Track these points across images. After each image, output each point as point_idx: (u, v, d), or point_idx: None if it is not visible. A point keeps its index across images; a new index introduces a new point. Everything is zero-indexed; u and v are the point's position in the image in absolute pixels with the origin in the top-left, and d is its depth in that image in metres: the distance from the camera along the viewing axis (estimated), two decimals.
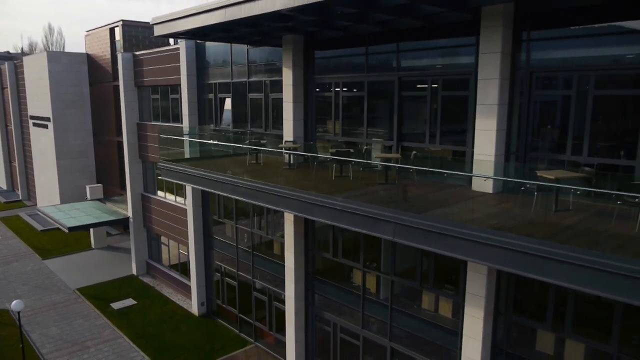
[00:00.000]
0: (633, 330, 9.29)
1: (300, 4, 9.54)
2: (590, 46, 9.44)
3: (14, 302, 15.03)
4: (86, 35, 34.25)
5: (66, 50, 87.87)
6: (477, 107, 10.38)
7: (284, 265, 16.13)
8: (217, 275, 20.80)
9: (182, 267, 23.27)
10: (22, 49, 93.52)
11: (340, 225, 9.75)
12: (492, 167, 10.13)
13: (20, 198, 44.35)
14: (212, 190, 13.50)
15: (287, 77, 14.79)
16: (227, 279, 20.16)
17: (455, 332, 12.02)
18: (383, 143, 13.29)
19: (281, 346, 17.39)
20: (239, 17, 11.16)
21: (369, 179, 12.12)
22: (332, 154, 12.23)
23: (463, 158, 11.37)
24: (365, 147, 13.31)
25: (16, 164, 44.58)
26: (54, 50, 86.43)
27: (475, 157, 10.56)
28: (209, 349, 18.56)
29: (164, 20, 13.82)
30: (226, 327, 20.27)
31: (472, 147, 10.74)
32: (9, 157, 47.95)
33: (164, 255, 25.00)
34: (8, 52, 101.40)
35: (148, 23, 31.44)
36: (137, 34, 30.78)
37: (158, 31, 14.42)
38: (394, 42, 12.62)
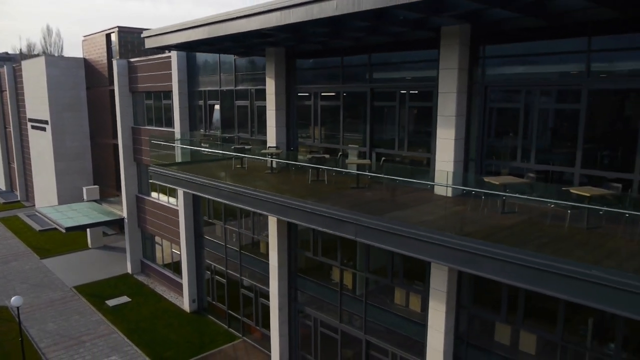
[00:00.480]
0: (575, 321, 10.25)
1: (273, 25, 10.50)
2: (536, 63, 10.40)
3: (13, 298, 15.96)
4: (83, 40, 35.16)
5: (65, 50, 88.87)
6: (438, 117, 11.35)
7: (269, 264, 17.07)
8: (207, 274, 21.73)
9: (175, 266, 24.19)
10: (20, 50, 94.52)
11: (310, 225, 10.73)
12: (450, 174, 11.09)
13: (19, 199, 45.26)
14: (198, 193, 14.45)
15: (270, 86, 15.75)
16: (217, 277, 21.11)
17: (423, 325, 12.95)
18: (359, 149, 14.26)
19: (267, 340, 18.32)
20: (220, 34, 12.13)
21: (343, 183, 13.08)
22: (308, 160, 13.19)
23: (428, 164, 12.34)
24: (340, 153, 14.28)
25: (15, 165, 45.48)
26: (52, 51, 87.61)
27: (436, 163, 11.54)
28: (198, 343, 19.51)
29: (153, 34, 14.78)
30: (216, 322, 21.22)
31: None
32: (7, 158, 48.85)
33: (158, 255, 25.92)
34: (6, 53, 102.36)
35: (143, 29, 32.47)
36: (132, 39, 31.70)
37: (148, 44, 15.37)
38: (366, 56, 13.58)
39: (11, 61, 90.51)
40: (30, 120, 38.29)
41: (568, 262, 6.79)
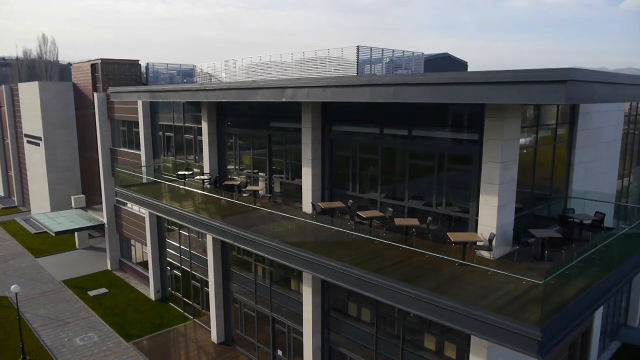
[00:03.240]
0: None
1: (187, 100, 15.78)
2: (356, 126, 15.70)
3: (12, 286, 21.16)
4: (72, 67, 40.34)
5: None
6: (302, 159, 16.65)
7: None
8: (168, 269, 26.98)
9: (146, 264, 29.38)
10: (17, 57, 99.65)
11: (208, 234, 15.99)
12: (309, 198, 16.39)
13: (16, 204, 50.45)
14: (148, 210, 19.71)
15: (205, 127, 21.03)
16: (175, 271, 26.37)
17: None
18: (265, 176, 19.55)
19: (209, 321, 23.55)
20: (157, 99, 17.41)
21: (249, 202, 18.34)
22: (223, 186, 18.46)
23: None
24: (247, 181, 19.57)
25: (12, 173, 50.67)
26: (48, 58, 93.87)
27: (303, 191, 16.84)
28: (158, 323, 24.78)
29: (115, 91, 20.11)
30: (175, 308, 26.49)
31: None
32: (5, 167, 54.03)
33: (133, 254, 31.15)
34: (3, 59, 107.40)
35: (122, 60, 37.67)
36: (113, 69, 36.82)
37: (113, 97, 20.67)
38: (265, 111, 18.87)
39: (8, 67, 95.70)
40: (26, 135, 43.46)
41: (318, 255, 12.10)
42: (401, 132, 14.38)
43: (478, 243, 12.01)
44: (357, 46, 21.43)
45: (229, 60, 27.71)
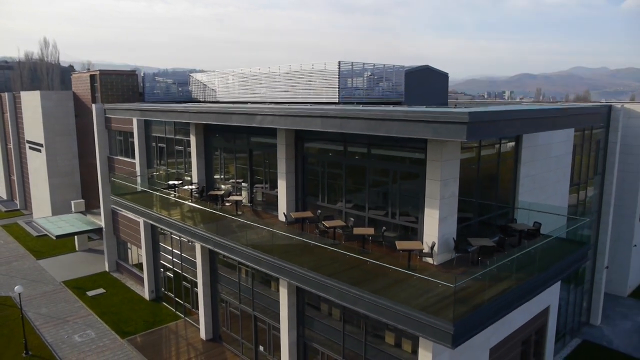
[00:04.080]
0: None
1: (174, 120, 17.53)
2: (324, 143, 17.43)
3: (16, 287, 22.94)
4: (72, 77, 42.16)
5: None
6: (278, 173, 18.42)
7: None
8: (162, 271, 28.75)
9: (142, 266, 31.13)
10: (19, 60, 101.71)
11: (193, 240, 17.74)
12: (284, 208, 18.14)
13: (18, 207, 52.29)
14: (141, 217, 21.46)
15: (193, 141, 22.80)
16: (168, 273, 28.14)
17: None
18: (247, 186, 21.32)
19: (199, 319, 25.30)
20: (147, 117, 19.16)
21: (232, 210, 20.10)
22: (207, 196, 20.22)
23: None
24: (230, 191, 21.34)
25: (14, 177, 52.52)
26: (50, 61, 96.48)
27: (278, 201, 18.61)
28: (152, 321, 26.55)
29: (110, 108, 21.84)
30: (167, 307, 28.26)
31: None
32: (8, 171, 55.90)
33: (129, 257, 32.93)
34: (5, 62, 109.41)
35: (120, 71, 39.47)
36: (111, 80, 38.61)
37: (108, 112, 22.41)
38: (247, 129, 20.62)
39: (10, 70, 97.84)
40: (28, 141, 45.29)
41: (283, 260, 13.84)
42: (362, 150, 16.13)
43: (424, 251, 13.75)
44: (339, 62, 23.23)
45: (223, 72, 29.49)
